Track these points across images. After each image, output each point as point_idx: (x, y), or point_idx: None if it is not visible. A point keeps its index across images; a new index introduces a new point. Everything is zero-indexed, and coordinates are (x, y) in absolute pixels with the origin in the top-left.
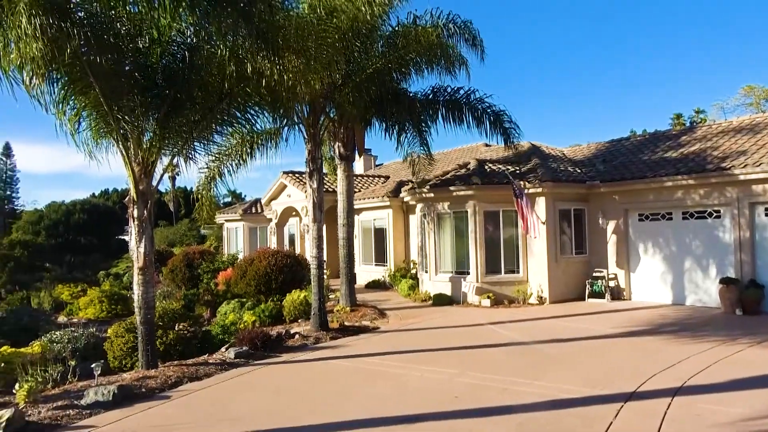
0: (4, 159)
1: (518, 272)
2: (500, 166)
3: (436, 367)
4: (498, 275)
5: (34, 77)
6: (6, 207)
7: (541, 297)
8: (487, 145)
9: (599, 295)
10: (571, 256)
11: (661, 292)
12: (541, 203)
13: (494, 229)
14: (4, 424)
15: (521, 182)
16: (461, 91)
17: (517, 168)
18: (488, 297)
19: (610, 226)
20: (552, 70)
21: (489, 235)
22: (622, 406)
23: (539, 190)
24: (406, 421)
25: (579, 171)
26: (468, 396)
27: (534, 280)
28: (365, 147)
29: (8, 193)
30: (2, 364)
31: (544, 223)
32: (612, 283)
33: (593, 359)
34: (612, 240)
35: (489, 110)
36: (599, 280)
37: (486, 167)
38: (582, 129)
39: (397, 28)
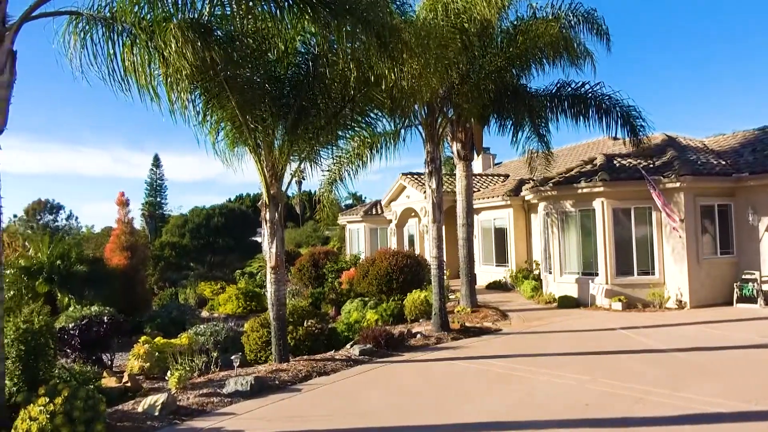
0: (154, 169)
1: (653, 274)
2: (631, 161)
3: (564, 372)
4: (630, 277)
5: (181, 93)
6: (157, 212)
7: (681, 301)
8: (614, 139)
9: (750, 299)
10: (716, 257)
11: None
12: (679, 199)
13: (625, 228)
14: (159, 407)
15: (656, 177)
16: (586, 86)
17: (651, 162)
18: (619, 300)
19: (763, 223)
20: (686, 55)
21: (619, 233)
22: None
23: (677, 185)
24: (532, 427)
25: (723, 163)
26: (599, 405)
27: (672, 282)
28: (483, 146)
29: (158, 199)
30: (157, 353)
31: (683, 221)
32: (765, 287)
33: (745, 370)
34: (765, 238)
35: (617, 106)
36: (750, 283)
37: (615, 162)
38: (724, 118)
39: (516, 23)
